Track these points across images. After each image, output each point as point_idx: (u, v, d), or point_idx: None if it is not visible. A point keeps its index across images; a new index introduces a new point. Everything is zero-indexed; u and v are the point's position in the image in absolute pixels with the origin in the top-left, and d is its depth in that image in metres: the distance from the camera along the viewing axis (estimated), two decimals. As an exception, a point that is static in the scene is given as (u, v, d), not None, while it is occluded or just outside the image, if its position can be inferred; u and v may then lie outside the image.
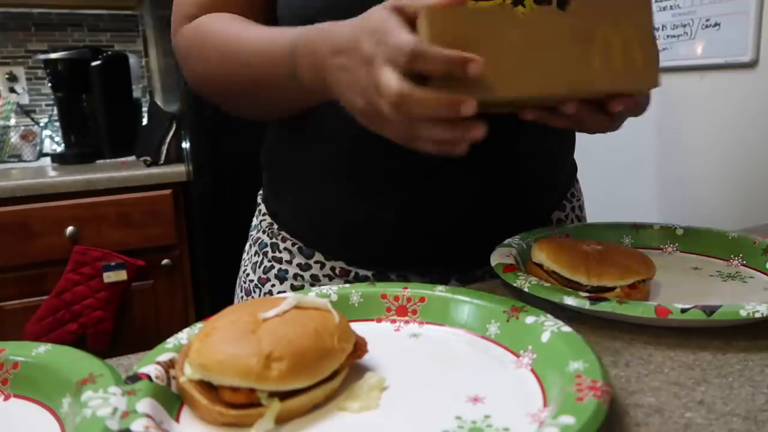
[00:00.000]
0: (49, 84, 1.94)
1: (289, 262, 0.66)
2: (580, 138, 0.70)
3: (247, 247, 0.74)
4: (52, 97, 2.00)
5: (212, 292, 1.69)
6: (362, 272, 0.64)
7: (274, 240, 0.68)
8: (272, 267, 0.67)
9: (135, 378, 0.33)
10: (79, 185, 1.60)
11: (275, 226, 0.69)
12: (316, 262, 0.66)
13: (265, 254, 0.69)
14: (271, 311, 0.35)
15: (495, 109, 0.44)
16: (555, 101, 0.43)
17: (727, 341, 0.43)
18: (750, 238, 0.60)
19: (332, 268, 0.65)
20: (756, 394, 0.35)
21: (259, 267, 0.69)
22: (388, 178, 0.60)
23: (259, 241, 0.70)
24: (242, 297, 0.72)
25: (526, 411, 0.33)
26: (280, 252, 0.67)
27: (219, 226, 1.62)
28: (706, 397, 0.35)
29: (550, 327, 0.39)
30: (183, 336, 0.39)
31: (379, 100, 0.39)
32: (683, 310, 0.42)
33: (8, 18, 2.05)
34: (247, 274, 0.70)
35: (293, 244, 0.67)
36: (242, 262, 0.74)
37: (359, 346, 0.38)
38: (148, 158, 1.76)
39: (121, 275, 1.63)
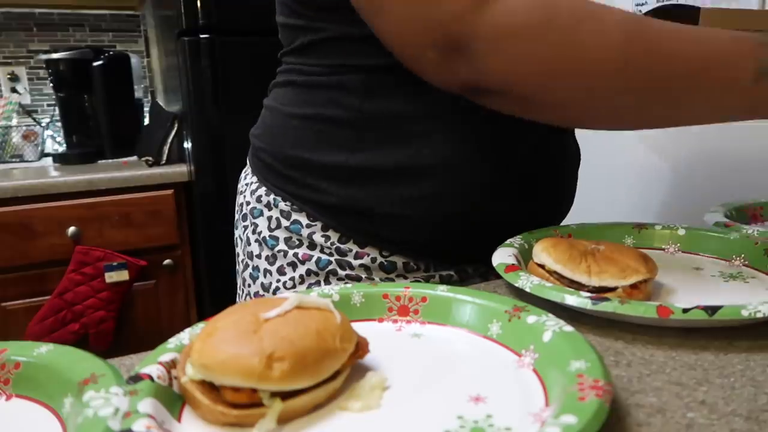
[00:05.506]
0: (51, 84, 1.94)
1: (371, 280, 0.60)
2: (581, 137, 0.70)
3: (268, 269, 0.64)
4: (54, 97, 2.00)
5: (214, 292, 1.69)
6: (445, 273, 0.63)
7: (338, 256, 0.61)
8: None
9: (137, 378, 0.33)
10: (81, 185, 1.60)
11: (337, 238, 0.60)
12: (398, 276, 0.60)
13: (331, 274, 0.61)
14: (272, 311, 0.35)
15: None
16: None
17: (729, 341, 0.43)
18: (752, 238, 0.60)
19: (414, 278, 0.61)
20: (758, 394, 0.35)
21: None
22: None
23: (315, 260, 0.61)
24: None
25: (528, 410, 0.33)
26: (352, 269, 0.60)
27: (221, 226, 1.61)
28: (707, 398, 0.35)
29: (551, 327, 0.39)
30: (185, 336, 0.39)
31: None
32: (685, 310, 0.42)
33: (10, 18, 2.06)
34: None
35: (373, 259, 0.60)
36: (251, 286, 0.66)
37: (361, 346, 0.38)
38: (150, 158, 1.76)
39: (123, 275, 1.63)
